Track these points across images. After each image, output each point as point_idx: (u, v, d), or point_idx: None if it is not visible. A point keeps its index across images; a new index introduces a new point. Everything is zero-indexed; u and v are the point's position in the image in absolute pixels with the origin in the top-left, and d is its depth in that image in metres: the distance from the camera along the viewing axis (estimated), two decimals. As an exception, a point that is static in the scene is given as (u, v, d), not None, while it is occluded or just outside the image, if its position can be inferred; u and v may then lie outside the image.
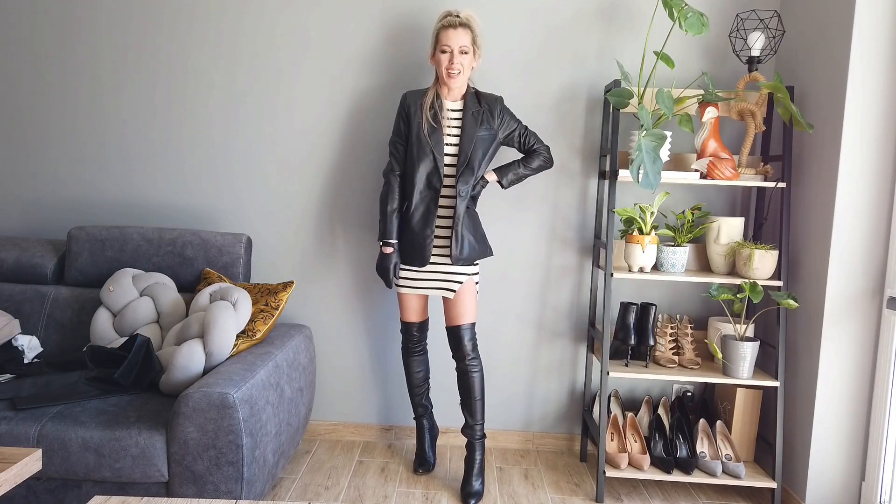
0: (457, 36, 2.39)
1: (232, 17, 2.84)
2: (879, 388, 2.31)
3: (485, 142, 2.47)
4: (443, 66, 2.41)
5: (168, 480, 1.98)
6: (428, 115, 2.45)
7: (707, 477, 2.51)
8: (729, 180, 2.48)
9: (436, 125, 2.45)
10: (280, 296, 2.49)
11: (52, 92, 2.91)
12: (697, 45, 2.79)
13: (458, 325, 2.47)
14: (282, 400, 2.25)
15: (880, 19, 2.25)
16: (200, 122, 2.89)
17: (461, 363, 2.48)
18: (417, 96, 2.52)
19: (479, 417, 2.51)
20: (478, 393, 2.49)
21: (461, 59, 2.40)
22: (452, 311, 2.49)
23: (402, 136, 2.53)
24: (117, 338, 2.44)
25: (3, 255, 2.65)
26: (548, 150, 2.60)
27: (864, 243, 2.32)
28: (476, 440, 2.52)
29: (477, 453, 2.52)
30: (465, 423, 2.54)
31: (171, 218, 2.93)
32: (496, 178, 2.55)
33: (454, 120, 2.49)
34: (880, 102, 2.28)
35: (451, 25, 2.40)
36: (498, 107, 2.52)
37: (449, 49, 2.40)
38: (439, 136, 2.45)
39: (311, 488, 2.54)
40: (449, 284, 2.48)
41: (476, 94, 2.52)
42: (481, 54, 2.49)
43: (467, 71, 2.45)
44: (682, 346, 2.70)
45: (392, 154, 2.54)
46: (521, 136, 2.56)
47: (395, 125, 2.56)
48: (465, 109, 2.48)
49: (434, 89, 2.51)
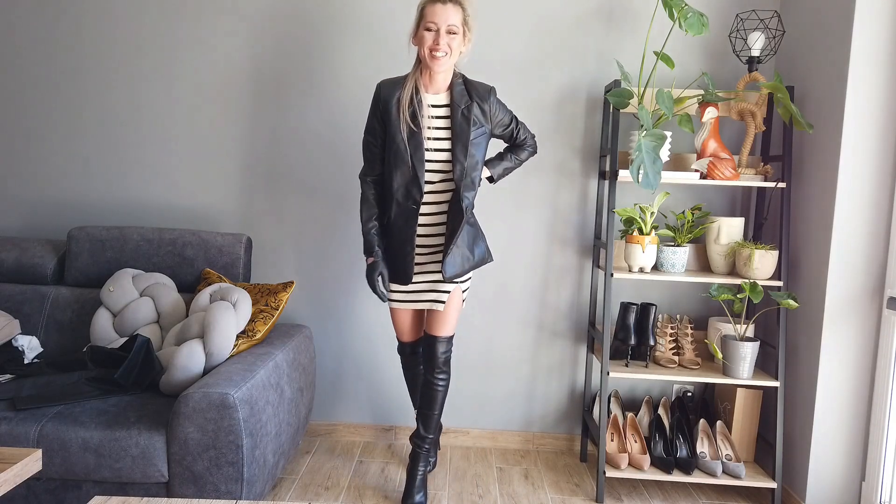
0: (445, 12, 2.09)
1: (226, 18, 2.84)
2: (879, 388, 2.31)
3: (480, 146, 2.23)
4: (426, 45, 2.11)
5: (168, 481, 1.98)
6: (406, 114, 2.16)
7: (707, 477, 2.51)
8: (729, 180, 2.48)
9: (415, 128, 2.16)
10: (280, 296, 2.49)
11: (53, 92, 2.91)
12: (697, 45, 2.79)
13: (435, 336, 2.32)
14: (282, 400, 2.25)
15: (880, 19, 2.25)
16: (200, 123, 2.89)
17: (429, 374, 2.34)
18: (393, 88, 2.19)
19: (431, 430, 2.40)
20: (438, 406, 2.37)
21: (448, 39, 2.10)
22: (432, 321, 2.33)
23: (375, 135, 2.24)
24: (117, 338, 2.44)
25: (3, 255, 2.65)
26: (534, 139, 2.43)
27: (864, 243, 2.32)
28: (422, 451, 2.41)
29: (420, 465, 2.40)
30: (416, 433, 2.41)
31: (171, 218, 2.93)
32: (488, 174, 2.36)
33: (437, 119, 2.19)
34: (880, 102, 2.28)
35: (439, 0, 2.11)
36: (489, 98, 2.23)
37: (435, 27, 2.09)
38: (418, 141, 2.16)
39: (311, 488, 2.54)
40: (438, 296, 2.29)
41: (465, 83, 2.22)
42: (472, 38, 2.19)
43: (454, 55, 2.14)
44: (682, 346, 2.70)
45: (365, 157, 2.28)
46: (513, 131, 2.35)
47: (369, 122, 2.26)
48: (453, 107, 2.18)
49: (413, 80, 2.19)
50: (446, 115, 2.21)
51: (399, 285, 2.33)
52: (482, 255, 2.30)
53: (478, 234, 2.30)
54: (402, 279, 2.27)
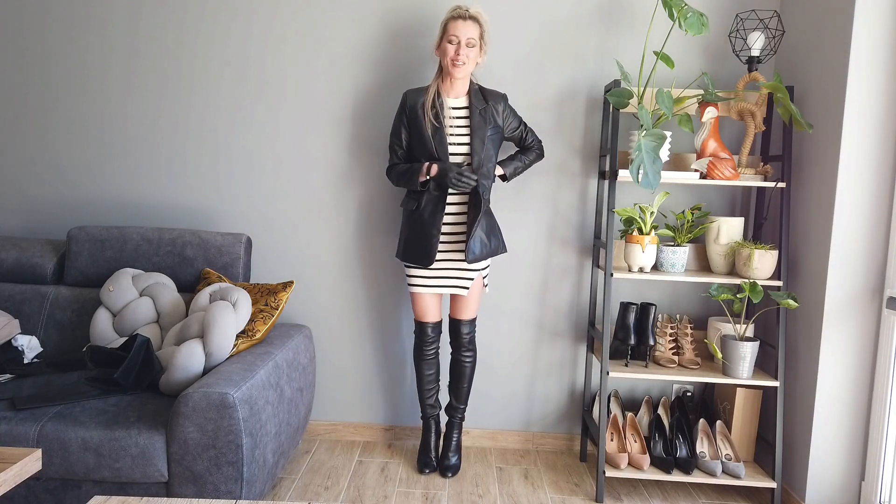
0: (465, 27, 2.43)
1: (229, 18, 2.84)
2: (879, 388, 2.31)
3: (494, 142, 2.53)
4: (448, 55, 2.44)
5: (168, 480, 1.98)
6: (430, 115, 2.49)
7: (707, 477, 2.51)
8: (729, 180, 2.48)
9: (438, 125, 2.48)
10: (280, 296, 2.49)
11: (53, 92, 2.91)
12: (697, 45, 2.79)
13: (459, 320, 2.63)
14: (281, 400, 2.25)
15: (880, 19, 2.25)
16: (200, 122, 2.89)
17: (456, 353, 2.67)
18: (418, 95, 2.54)
19: (463, 401, 2.71)
20: (467, 380, 2.69)
21: (467, 51, 2.44)
22: (456, 305, 2.63)
23: (400, 137, 2.58)
24: (117, 338, 2.44)
25: (3, 255, 2.65)
26: (541, 144, 2.70)
27: (864, 243, 2.32)
28: (456, 420, 2.72)
29: (455, 432, 2.72)
30: (450, 404, 2.72)
31: (171, 218, 2.93)
32: (502, 172, 2.60)
33: (458, 119, 2.52)
34: (880, 102, 2.28)
35: (460, 17, 2.45)
36: (502, 104, 2.56)
37: (456, 39, 2.43)
38: (442, 137, 2.48)
39: (310, 488, 2.54)
40: (461, 282, 2.56)
41: (481, 91, 2.55)
42: (487, 51, 2.54)
43: (472, 64, 2.48)
44: (682, 346, 2.70)
45: (390, 157, 2.63)
46: (522, 133, 2.64)
47: (395, 126, 2.60)
48: (472, 108, 2.51)
49: (435, 86, 2.53)
50: (465, 116, 2.53)
51: (423, 270, 2.56)
52: (497, 244, 2.56)
53: (494, 224, 2.56)
54: (424, 261, 2.50)
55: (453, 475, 2.66)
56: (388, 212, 2.89)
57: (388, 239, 2.90)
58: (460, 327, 2.63)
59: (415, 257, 2.53)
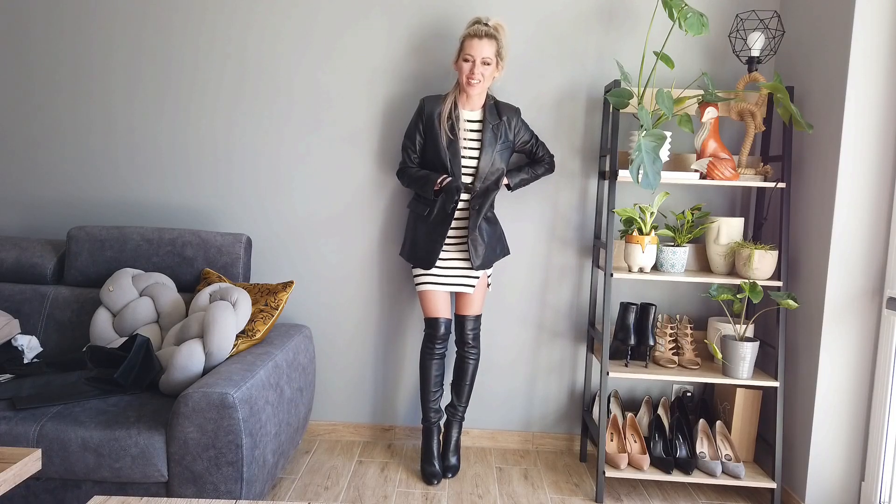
0: (481, 46, 2.45)
1: (229, 18, 2.84)
2: (879, 388, 2.31)
3: (503, 156, 2.58)
4: (464, 74, 2.48)
5: (168, 480, 1.98)
6: (445, 126, 2.53)
7: (707, 477, 2.51)
8: (729, 180, 2.48)
9: (453, 137, 2.52)
10: (280, 296, 2.49)
11: (53, 93, 2.91)
12: (697, 45, 2.79)
13: (464, 316, 2.65)
14: (281, 400, 2.25)
15: (880, 20, 2.25)
16: (201, 123, 2.89)
17: (461, 349, 2.68)
18: (435, 104, 2.58)
19: (464, 400, 2.70)
20: (469, 378, 2.68)
21: (482, 69, 2.47)
22: (462, 302, 2.66)
23: (414, 141, 2.62)
24: (117, 338, 2.44)
25: (3, 255, 2.65)
26: (552, 159, 2.73)
27: (864, 243, 2.32)
28: (456, 419, 2.71)
29: (454, 431, 2.71)
30: (451, 402, 2.72)
31: (171, 218, 2.93)
32: (506, 181, 2.62)
33: (472, 132, 2.56)
34: (880, 102, 2.28)
35: (476, 35, 2.45)
36: (515, 118, 2.60)
37: (472, 59, 2.46)
38: (456, 149, 2.53)
39: (310, 488, 2.54)
40: (468, 280, 2.61)
41: (496, 105, 2.58)
42: (504, 66, 2.56)
43: (488, 81, 2.52)
44: (682, 346, 2.69)
45: (405, 156, 2.66)
46: (532, 147, 2.68)
47: (410, 129, 2.64)
48: (485, 123, 2.54)
49: (453, 96, 2.57)
50: (479, 129, 2.57)
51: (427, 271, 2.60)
52: (502, 250, 2.67)
53: (500, 232, 2.66)
54: (425, 264, 2.56)
55: (453, 475, 2.66)
56: (388, 212, 2.90)
57: (389, 239, 2.90)
58: (465, 323, 2.65)
59: (417, 259, 2.58)
